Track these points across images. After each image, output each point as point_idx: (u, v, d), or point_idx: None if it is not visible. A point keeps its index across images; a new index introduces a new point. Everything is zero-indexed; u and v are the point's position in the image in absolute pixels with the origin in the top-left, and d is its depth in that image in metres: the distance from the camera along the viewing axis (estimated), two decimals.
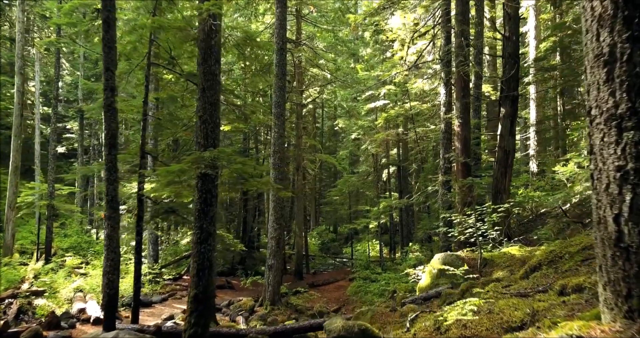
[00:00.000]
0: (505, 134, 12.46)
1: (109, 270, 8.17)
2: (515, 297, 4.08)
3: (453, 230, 10.41)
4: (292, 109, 23.93)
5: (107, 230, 8.28)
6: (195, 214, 7.01)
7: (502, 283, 5.43)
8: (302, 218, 22.45)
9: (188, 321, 6.63)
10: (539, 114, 23.54)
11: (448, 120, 13.52)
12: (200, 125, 7.11)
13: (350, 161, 37.24)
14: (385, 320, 6.88)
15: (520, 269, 7.34)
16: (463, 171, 13.07)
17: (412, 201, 15.79)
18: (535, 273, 5.36)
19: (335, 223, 37.46)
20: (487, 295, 4.40)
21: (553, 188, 20.29)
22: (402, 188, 24.29)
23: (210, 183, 6.95)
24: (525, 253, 8.16)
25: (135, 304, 8.99)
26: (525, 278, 5.60)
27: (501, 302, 3.86)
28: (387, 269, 19.67)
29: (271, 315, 13.76)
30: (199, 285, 6.77)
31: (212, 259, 6.94)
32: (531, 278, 5.26)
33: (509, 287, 4.93)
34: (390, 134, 23.13)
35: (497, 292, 4.63)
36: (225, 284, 18.72)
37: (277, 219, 14.46)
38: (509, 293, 4.40)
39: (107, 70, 8.40)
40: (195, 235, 6.97)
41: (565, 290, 3.71)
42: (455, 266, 8.45)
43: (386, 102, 22.67)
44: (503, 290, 4.75)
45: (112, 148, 8.36)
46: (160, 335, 7.56)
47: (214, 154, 6.50)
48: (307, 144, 27.22)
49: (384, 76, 20.39)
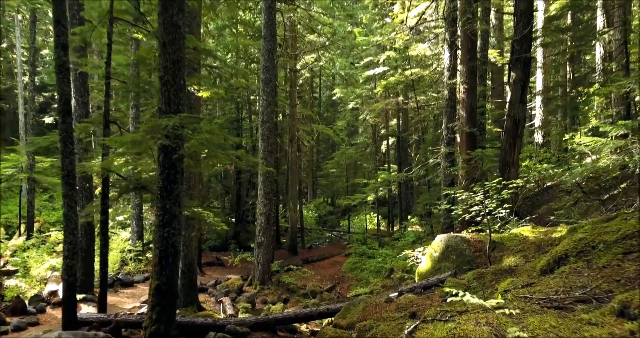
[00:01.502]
0: (515, 101, 11.29)
1: (68, 254, 7.19)
2: (549, 308, 3.09)
3: (456, 207, 9.40)
4: (287, 77, 22.63)
5: (65, 209, 7.26)
6: (157, 192, 5.97)
7: (520, 279, 4.43)
8: (296, 191, 21.48)
9: (149, 317, 5.70)
10: (546, 81, 22.25)
11: (452, 86, 12.32)
12: (161, 87, 5.98)
13: (348, 132, 36.03)
14: (379, 315, 5.94)
15: (535, 255, 6.36)
16: (468, 142, 11.97)
17: (411, 175, 14.75)
18: (562, 267, 4.35)
19: (333, 195, 36.61)
20: (511, 305, 3.41)
21: (560, 160, 19.26)
22: (401, 160, 23.22)
23: (175, 156, 5.88)
24: (540, 236, 7.17)
25: (102, 291, 8.06)
26: (549, 273, 4.60)
27: (532, 319, 2.87)
28: (385, 244, 18.85)
29: (260, 295, 12.96)
30: (161, 275, 5.80)
31: (178, 245, 5.95)
32: (557, 274, 4.25)
33: (532, 287, 3.92)
34: (389, 104, 21.88)
35: (519, 298, 3.63)
36: (214, 261, 17.92)
37: (266, 194, 13.46)
38: (537, 301, 3.40)
39: (58, 24, 7.18)
40: (157, 217, 5.95)
41: (629, 309, 2.69)
42: (459, 250, 7.49)
43: (385, 69, 21.30)
44: (526, 292, 3.74)
45: (66, 115, 7.23)
46: (117, 334, 6.64)
47: (174, 121, 5.40)
48: (304, 115, 26.02)
49: (384, 41, 18.97)
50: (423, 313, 5.64)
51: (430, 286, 6.89)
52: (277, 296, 12.86)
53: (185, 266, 10.49)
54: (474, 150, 11.12)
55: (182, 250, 10.57)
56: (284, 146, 24.25)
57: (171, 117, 5.51)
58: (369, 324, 5.58)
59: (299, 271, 15.29)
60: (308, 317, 7.40)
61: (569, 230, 6.75)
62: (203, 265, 16.73)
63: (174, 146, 5.58)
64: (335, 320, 6.68)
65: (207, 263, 17.48)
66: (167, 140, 5.60)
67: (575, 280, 3.80)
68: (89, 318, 7.54)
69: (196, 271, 10.79)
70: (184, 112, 5.99)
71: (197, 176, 11.03)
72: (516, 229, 8.11)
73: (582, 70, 22.52)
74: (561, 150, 20.38)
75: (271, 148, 13.47)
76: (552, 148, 21.94)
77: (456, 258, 7.38)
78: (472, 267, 7.12)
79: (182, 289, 10.51)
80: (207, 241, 22.86)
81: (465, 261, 7.24)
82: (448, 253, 7.53)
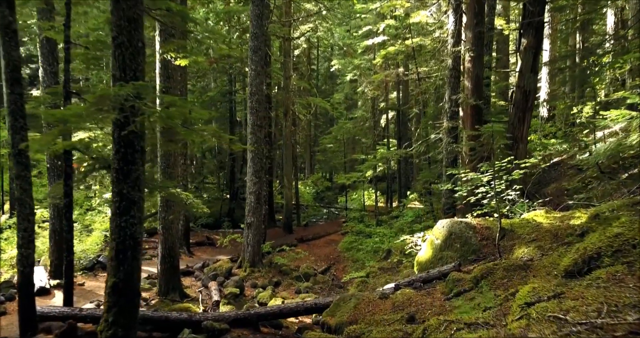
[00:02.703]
0: (525, 70, 10.31)
1: (23, 242, 6.38)
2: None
3: (460, 188, 8.54)
4: (281, 47, 21.45)
5: (17, 192, 6.41)
6: (113, 175, 5.10)
7: (543, 285, 3.59)
8: (291, 168, 20.60)
9: (105, 320, 4.91)
10: (554, 51, 21.08)
11: (457, 54, 11.26)
12: (114, 51, 5.01)
13: (346, 105, 34.90)
14: (371, 317, 5.14)
15: (552, 246, 5.53)
16: (473, 115, 11.03)
17: (411, 152, 13.84)
18: (596, 272, 3.51)
19: (331, 171, 35.79)
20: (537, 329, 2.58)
21: (567, 134, 18.31)
22: (401, 134, 22.25)
23: (132, 133, 4.97)
24: (556, 222, 6.33)
25: (67, 280, 7.30)
26: (577, 276, 3.77)
27: None
28: (383, 222, 18.11)
29: (250, 278, 12.26)
30: (118, 270, 4.98)
31: (138, 235, 5.11)
32: (591, 281, 3.41)
33: (563, 301, 3.08)
34: (389, 75, 20.77)
35: (548, 318, 2.79)
36: (205, 240, 17.19)
37: (256, 171, 12.60)
38: (574, 326, 2.57)
39: None
40: (113, 204, 5.10)
41: None
42: (464, 238, 6.67)
43: (385, 38, 20.10)
44: (556, 309, 2.91)
45: (14, 84, 6.29)
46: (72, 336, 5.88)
47: (127, 91, 4.47)
48: (302, 88, 24.87)
49: (383, 8, 17.71)
50: (422, 315, 4.85)
51: (431, 280, 6.10)
52: (268, 279, 12.17)
53: (165, 250, 9.72)
54: (479, 125, 10.18)
55: (162, 233, 9.80)
56: (279, 120, 23.23)
57: (123, 85, 4.57)
58: (360, 329, 4.79)
59: (293, 251, 14.58)
60: (294, 312, 6.65)
61: (590, 216, 5.92)
62: (192, 245, 16.02)
63: (130, 121, 4.67)
64: (324, 318, 5.93)
65: (197, 243, 16.76)
66: (119, 113, 4.68)
67: (619, 294, 2.96)
68: (51, 312, 6.78)
69: (178, 256, 10.02)
70: (143, 80, 5.05)
71: (177, 155, 10.13)
72: (527, 213, 7.29)
73: (591, 40, 21.33)
74: (568, 124, 19.43)
75: (261, 122, 12.51)
76: (557, 122, 20.99)
77: (460, 246, 6.57)
78: (478, 258, 6.32)
79: (162, 275, 9.79)
80: (200, 218, 22.12)
81: (471, 250, 6.44)
82: (451, 240, 6.72)
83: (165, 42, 9.03)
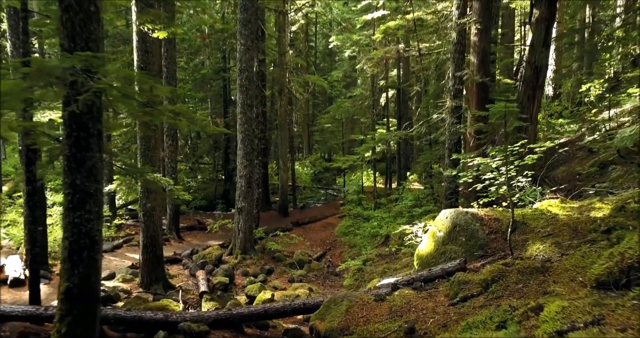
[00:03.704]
0: (537, 44, 9.46)
1: None
2: None
3: (464, 173, 7.81)
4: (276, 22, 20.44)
5: None
6: (64, 163, 4.37)
7: (571, 302, 2.91)
8: (286, 148, 19.85)
9: (57, 330, 4.26)
10: (560, 27, 20.07)
11: (462, 27, 10.38)
12: (61, 16, 4.22)
13: (345, 83, 33.85)
14: (364, 326, 4.49)
15: (572, 242, 4.85)
16: (479, 94, 10.23)
17: (411, 133, 13.06)
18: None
19: (330, 151, 34.99)
20: None
21: (574, 114, 17.50)
22: (401, 113, 21.40)
23: (87, 114, 4.22)
24: (574, 213, 5.64)
25: (34, 276, 6.66)
26: (614, 288, 3.09)
27: None
28: (381, 205, 17.47)
29: (241, 266, 11.67)
30: (72, 274, 4.31)
31: (96, 233, 4.42)
32: (635, 299, 2.74)
33: (605, 330, 2.42)
34: (389, 51, 19.78)
35: None
36: (196, 225, 16.56)
37: (247, 154, 11.87)
38: None
39: None
40: (65, 197, 4.38)
41: None
42: (470, 231, 5.98)
43: (385, 12, 19.08)
44: None
45: None
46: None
47: (71, 62, 3.72)
48: (299, 66, 23.90)
49: None
50: (424, 325, 4.19)
51: (433, 279, 5.44)
52: (260, 267, 11.59)
53: (147, 239, 9.06)
54: (486, 103, 9.38)
55: (143, 221, 9.13)
56: (275, 99, 22.35)
57: (67, 56, 3.80)
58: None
59: (287, 236, 13.96)
60: (280, 313, 6.02)
61: (614, 208, 5.22)
62: (183, 229, 15.40)
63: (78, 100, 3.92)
64: (312, 321, 5.29)
65: (188, 227, 16.14)
66: (68, 90, 3.93)
67: None
68: (14, 311, 6.15)
69: (161, 245, 9.37)
70: (98, 51, 4.27)
71: (158, 137, 9.38)
72: (539, 203, 6.59)
73: (601, 14, 20.31)
74: (575, 103, 18.61)
75: (251, 100, 11.71)
76: (564, 101, 20.16)
77: (466, 240, 5.89)
78: (486, 253, 5.65)
79: (144, 265, 9.16)
80: (193, 201, 21.47)
81: (478, 245, 5.76)
82: (455, 233, 6.04)
83: (142, 13, 8.20)
